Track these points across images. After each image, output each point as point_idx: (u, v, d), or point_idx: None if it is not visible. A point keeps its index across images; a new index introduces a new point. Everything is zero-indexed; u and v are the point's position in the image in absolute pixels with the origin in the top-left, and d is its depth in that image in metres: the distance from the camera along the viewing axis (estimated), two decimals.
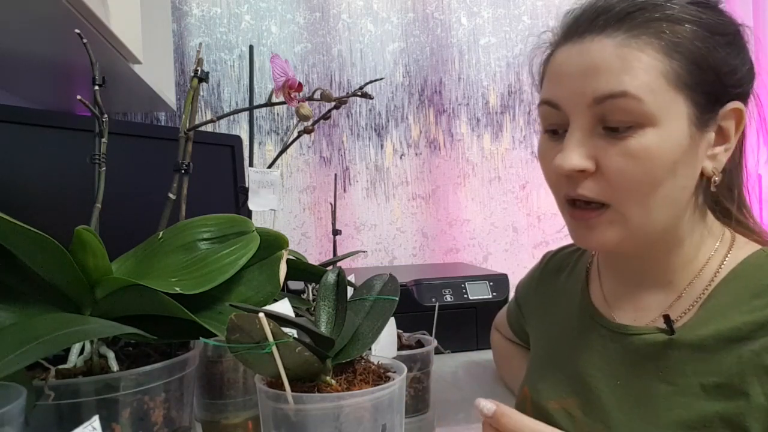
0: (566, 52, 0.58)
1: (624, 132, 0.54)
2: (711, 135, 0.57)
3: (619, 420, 0.59)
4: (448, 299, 1.12)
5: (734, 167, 0.62)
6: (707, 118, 0.56)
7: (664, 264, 0.61)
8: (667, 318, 0.58)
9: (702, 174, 0.58)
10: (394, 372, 0.52)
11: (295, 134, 0.74)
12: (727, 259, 0.59)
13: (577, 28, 0.58)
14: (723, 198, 0.63)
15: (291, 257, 0.69)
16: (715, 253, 0.60)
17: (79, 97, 0.52)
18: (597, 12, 0.56)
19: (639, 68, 0.53)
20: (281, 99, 0.66)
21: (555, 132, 0.61)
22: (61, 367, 0.47)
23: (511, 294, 1.03)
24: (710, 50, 0.55)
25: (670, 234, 0.60)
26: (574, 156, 0.56)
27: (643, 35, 0.54)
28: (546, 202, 1.57)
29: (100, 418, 0.38)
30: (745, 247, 0.60)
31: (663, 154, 0.54)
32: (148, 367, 0.47)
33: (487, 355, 1.05)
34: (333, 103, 0.70)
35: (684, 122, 0.55)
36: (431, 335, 0.78)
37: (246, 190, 0.72)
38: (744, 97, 0.59)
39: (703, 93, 0.55)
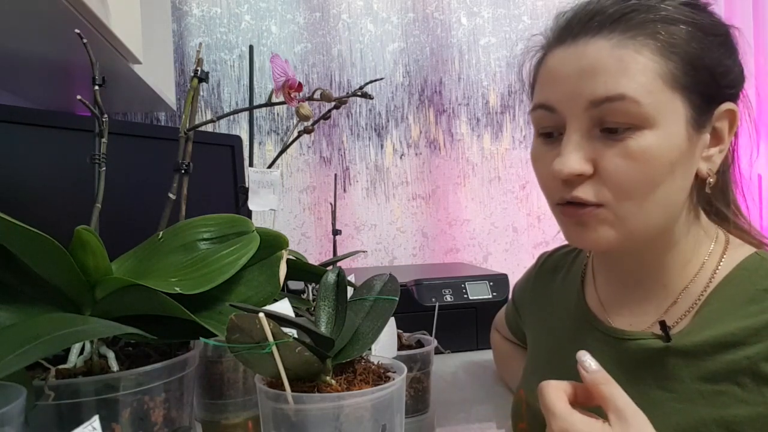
0: (560, 55, 0.57)
1: (622, 134, 0.53)
2: (706, 136, 0.57)
3: None
4: (448, 299, 1.12)
5: (727, 169, 0.62)
6: (703, 120, 0.56)
7: (659, 266, 0.61)
8: (663, 324, 0.58)
9: (697, 175, 0.58)
10: (394, 372, 0.52)
11: (295, 134, 0.74)
12: (722, 262, 0.59)
13: (570, 30, 0.57)
14: (716, 199, 0.63)
15: (291, 257, 0.69)
16: (710, 255, 0.60)
17: (79, 97, 0.52)
18: (590, 14, 0.56)
19: (636, 70, 0.53)
20: (281, 99, 0.66)
21: (549, 135, 0.60)
22: (61, 367, 0.47)
23: (511, 294, 1.03)
24: (705, 50, 0.54)
25: (665, 235, 0.59)
26: (573, 159, 0.55)
27: (639, 36, 0.53)
28: (546, 202, 1.56)
29: (100, 418, 0.38)
30: (740, 249, 0.60)
31: (661, 155, 0.54)
32: (148, 367, 0.47)
33: (487, 355, 1.05)
34: (333, 103, 0.70)
35: (681, 123, 0.54)
36: (431, 335, 0.78)
37: (246, 190, 0.72)
38: (736, 99, 0.59)
39: (699, 94, 0.55)
